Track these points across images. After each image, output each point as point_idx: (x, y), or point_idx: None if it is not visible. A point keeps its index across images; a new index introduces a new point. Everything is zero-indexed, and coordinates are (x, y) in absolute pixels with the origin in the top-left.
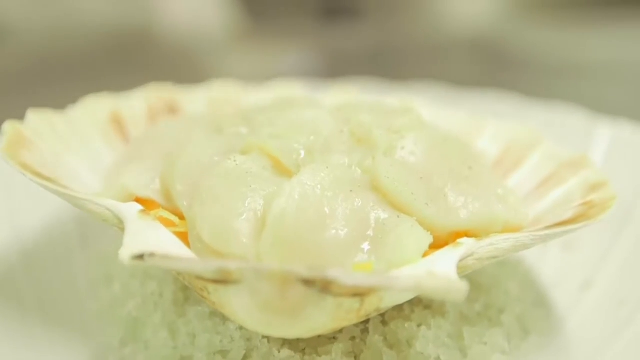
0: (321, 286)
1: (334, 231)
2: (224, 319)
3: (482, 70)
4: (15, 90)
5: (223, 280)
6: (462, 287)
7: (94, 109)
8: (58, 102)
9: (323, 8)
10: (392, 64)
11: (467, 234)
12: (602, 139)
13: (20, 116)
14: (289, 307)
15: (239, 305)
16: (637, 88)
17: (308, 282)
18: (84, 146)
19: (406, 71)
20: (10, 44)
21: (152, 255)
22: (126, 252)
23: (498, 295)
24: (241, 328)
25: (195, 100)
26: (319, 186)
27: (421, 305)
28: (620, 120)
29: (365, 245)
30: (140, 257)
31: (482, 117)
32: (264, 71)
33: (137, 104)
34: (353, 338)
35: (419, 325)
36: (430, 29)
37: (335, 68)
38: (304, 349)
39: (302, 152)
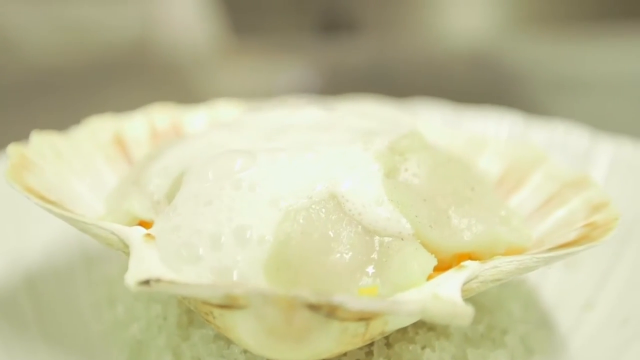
0: (327, 311)
1: (338, 255)
2: (228, 342)
3: (481, 85)
4: (14, 104)
5: (229, 305)
6: (468, 311)
7: (97, 131)
8: (56, 117)
9: (319, 23)
10: (390, 79)
11: (470, 256)
12: (603, 158)
13: (19, 132)
14: (295, 332)
15: (245, 330)
16: (638, 102)
17: (314, 307)
18: (87, 169)
19: (405, 87)
20: (13, 57)
21: (158, 280)
22: (132, 278)
23: (501, 317)
24: (245, 351)
25: (198, 120)
26: (323, 209)
27: (425, 327)
28: (621, 137)
29: (370, 269)
30: (147, 282)
31: (483, 135)
32: (260, 88)
33: (140, 124)
34: None
35: (423, 348)
36: (429, 44)
37: (332, 84)
38: None
39: None
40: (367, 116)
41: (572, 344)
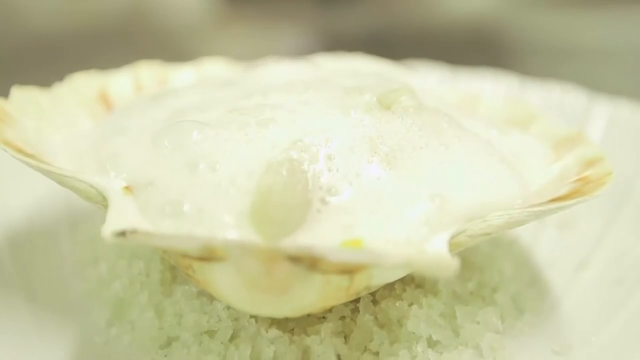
0: (308, 263)
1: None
2: (211, 298)
3: (480, 52)
4: (6, 69)
5: (208, 257)
6: (453, 263)
7: (81, 87)
8: (44, 82)
9: None
10: (389, 46)
11: None
12: (600, 118)
13: (4, 95)
14: (276, 285)
15: (225, 284)
16: (635, 69)
17: (295, 259)
18: (69, 124)
19: (403, 54)
20: (9, 22)
21: (134, 231)
22: (108, 229)
23: (492, 275)
24: (228, 308)
25: (184, 77)
26: (306, 163)
27: (413, 284)
28: (618, 99)
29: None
30: (122, 233)
31: (477, 94)
32: (256, 55)
33: (125, 81)
34: (343, 317)
35: (410, 305)
36: (428, 11)
37: (331, 50)
38: (293, 328)
39: None
40: (356, 73)
41: (564, 303)
